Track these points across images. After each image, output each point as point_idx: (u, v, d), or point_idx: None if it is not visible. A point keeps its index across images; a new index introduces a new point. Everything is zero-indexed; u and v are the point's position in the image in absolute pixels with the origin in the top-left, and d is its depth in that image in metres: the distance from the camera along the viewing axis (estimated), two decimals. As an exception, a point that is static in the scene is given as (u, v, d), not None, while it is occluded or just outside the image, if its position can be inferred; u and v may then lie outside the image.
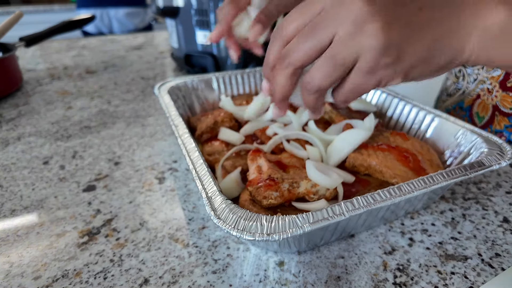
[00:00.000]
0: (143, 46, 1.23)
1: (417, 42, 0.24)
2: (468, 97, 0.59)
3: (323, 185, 0.34)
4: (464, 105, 0.60)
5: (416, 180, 0.31)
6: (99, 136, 0.58)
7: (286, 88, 0.27)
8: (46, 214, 0.40)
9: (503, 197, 0.43)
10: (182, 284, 0.31)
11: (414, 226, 0.38)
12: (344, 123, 0.46)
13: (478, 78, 0.56)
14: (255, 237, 0.26)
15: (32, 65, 0.99)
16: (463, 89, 0.60)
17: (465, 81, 0.60)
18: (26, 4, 2.76)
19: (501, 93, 0.52)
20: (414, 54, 0.24)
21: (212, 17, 0.74)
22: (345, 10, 0.23)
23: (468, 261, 0.34)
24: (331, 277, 0.32)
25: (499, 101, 0.53)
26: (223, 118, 0.47)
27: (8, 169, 0.49)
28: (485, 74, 0.55)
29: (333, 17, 0.24)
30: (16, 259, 0.34)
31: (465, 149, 0.41)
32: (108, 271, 0.32)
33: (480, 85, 0.56)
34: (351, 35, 0.23)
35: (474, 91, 0.57)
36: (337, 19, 0.23)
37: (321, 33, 0.24)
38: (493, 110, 0.54)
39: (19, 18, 0.84)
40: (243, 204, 0.34)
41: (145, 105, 0.71)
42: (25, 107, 0.70)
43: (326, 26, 0.24)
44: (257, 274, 0.32)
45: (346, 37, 0.23)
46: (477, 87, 0.56)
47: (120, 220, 0.39)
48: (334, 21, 0.24)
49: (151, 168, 0.49)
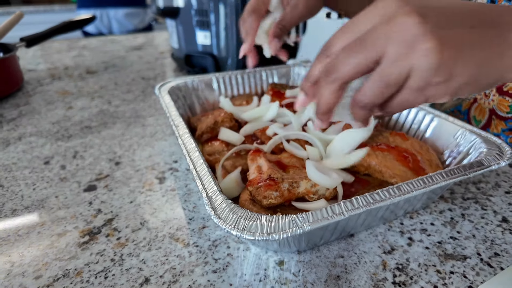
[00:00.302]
0: (143, 47, 1.23)
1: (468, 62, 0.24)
2: (466, 101, 0.59)
3: (322, 185, 0.34)
4: (462, 109, 0.60)
5: (415, 180, 0.32)
6: (99, 136, 0.58)
7: (331, 102, 0.28)
8: (47, 214, 0.40)
9: (502, 197, 0.43)
10: (183, 284, 0.31)
11: (413, 225, 0.38)
12: (344, 123, 0.46)
13: None
14: (255, 236, 0.26)
15: (33, 65, 1.00)
16: None
17: None
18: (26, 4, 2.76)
19: (498, 97, 0.52)
20: (465, 74, 0.24)
21: (212, 17, 0.75)
22: (397, 28, 0.23)
23: (467, 260, 0.34)
24: (330, 276, 0.32)
25: (495, 105, 0.53)
26: (223, 118, 0.48)
27: (9, 169, 0.49)
28: None
29: (384, 34, 0.24)
30: (17, 258, 0.34)
31: (464, 149, 0.41)
32: (109, 271, 0.33)
33: None
34: (403, 55, 0.23)
35: (471, 95, 0.57)
36: (388, 37, 0.23)
37: (371, 50, 0.24)
38: (490, 114, 0.54)
39: (20, 18, 0.85)
40: (243, 203, 0.34)
41: (146, 105, 0.71)
42: (26, 107, 0.70)
43: (376, 43, 0.24)
44: (257, 273, 0.32)
45: (398, 56, 0.23)
46: None
47: (121, 219, 0.39)
48: (384, 39, 0.23)
49: (151, 168, 0.49)
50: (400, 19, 0.23)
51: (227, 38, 0.76)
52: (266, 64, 0.68)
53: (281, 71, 0.66)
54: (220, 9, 0.73)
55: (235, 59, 0.79)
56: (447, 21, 0.23)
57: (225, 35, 0.76)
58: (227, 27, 0.75)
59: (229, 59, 0.79)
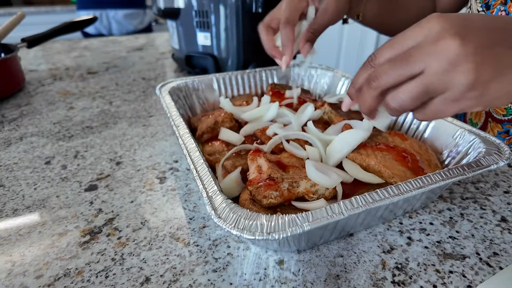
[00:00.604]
0: (144, 47, 1.23)
1: (504, 79, 0.26)
2: None
3: (322, 184, 0.34)
4: None
5: (414, 180, 0.32)
6: (100, 136, 0.59)
7: (372, 106, 0.31)
8: (48, 213, 0.40)
9: (501, 197, 0.43)
10: (183, 283, 0.31)
11: (413, 225, 0.38)
12: (343, 123, 0.46)
13: None
14: (255, 236, 0.26)
15: (34, 66, 1.00)
16: None
17: None
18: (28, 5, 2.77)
19: None
20: (499, 90, 0.27)
21: (213, 18, 0.75)
22: (441, 48, 0.26)
23: (466, 260, 0.34)
24: (330, 275, 0.32)
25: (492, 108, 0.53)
26: (224, 118, 0.48)
27: (10, 169, 0.49)
28: None
29: (428, 52, 0.26)
30: (18, 258, 0.34)
31: (463, 149, 0.41)
32: (109, 270, 0.33)
33: None
34: (444, 71, 0.26)
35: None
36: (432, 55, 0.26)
37: (414, 64, 0.27)
38: (486, 116, 0.54)
39: (21, 19, 0.85)
40: (243, 203, 0.34)
41: (146, 106, 0.71)
42: (27, 107, 0.70)
43: (419, 59, 0.26)
44: (257, 272, 0.32)
45: (439, 71, 0.26)
46: None
47: (122, 219, 0.39)
48: (428, 56, 0.26)
49: (152, 168, 0.49)
50: (444, 40, 0.25)
51: (228, 39, 0.77)
52: (266, 65, 0.68)
53: (281, 72, 0.66)
54: (220, 10, 0.73)
55: (235, 60, 0.79)
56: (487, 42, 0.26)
57: (226, 36, 0.76)
58: (228, 28, 0.75)
59: (230, 59, 0.79)
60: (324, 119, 0.52)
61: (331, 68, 0.66)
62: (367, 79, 0.30)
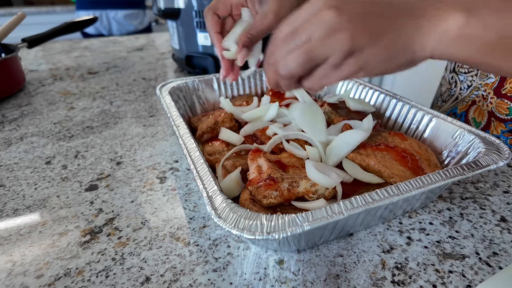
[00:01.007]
0: (144, 47, 1.23)
1: (378, 45, 0.28)
2: (462, 103, 0.59)
3: (322, 184, 0.34)
4: (458, 111, 0.60)
5: (414, 180, 0.32)
6: (101, 136, 0.59)
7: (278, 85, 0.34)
8: (49, 213, 0.40)
9: (501, 197, 0.43)
10: (183, 282, 0.31)
11: (412, 225, 0.38)
12: (343, 123, 0.46)
13: (473, 84, 0.57)
14: (255, 235, 0.26)
15: (35, 66, 1.00)
16: (455, 95, 0.61)
17: (457, 88, 0.60)
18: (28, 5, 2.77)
19: (496, 99, 0.53)
20: (375, 55, 0.29)
21: (213, 18, 0.75)
22: (320, 19, 0.28)
23: (466, 259, 0.34)
24: (330, 275, 0.32)
25: (494, 107, 0.53)
26: (224, 118, 0.48)
27: (11, 169, 0.49)
28: (479, 81, 0.56)
29: (310, 23, 0.29)
30: (19, 258, 0.34)
31: (463, 149, 0.41)
32: (110, 270, 0.33)
33: (474, 91, 0.57)
34: (324, 38, 0.28)
35: (469, 97, 0.58)
36: (313, 25, 0.29)
37: (299, 35, 0.30)
38: (489, 116, 0.55)
39: (22, 19, 0.85)
40: (243, 203, 0.34)
41: (147, 106, 0.71)
42: (28, 108, 0.71)
43: (304, 31, 0.29)
44: (257, 272, 0.33)
45: (319, 38, 0.29)
46: (472, 94, 0.57)
47: (122, 219, 0.39)
48: (310, 26, 0.29)
49: (152, 168, 0.49)
50: (324, 11, 0.28)
51: (228, 39, 0.77)
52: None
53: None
54: (220, 10, 0.73)
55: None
56: (360, 11, 0.28)
57: (226, 36, 0.76)
58: (228, 28, 0.75)
59: (230, 59, 0.79)
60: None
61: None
62: (266, 56, 0.32)
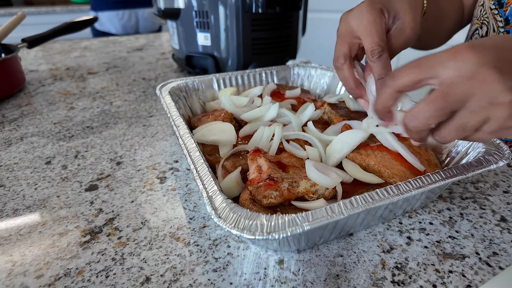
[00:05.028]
0: (144, 47, 1.23)
1: None
2: None
3: (322, 184, 0.34)
4: None
5: (414, 180, 0.32)
6: (101, 136, 0.59)
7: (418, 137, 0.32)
8: (49, 213, 0.40)
9: (501, 197, 0.43)
10: (183, 282, 0.31)
11: (412, 225, 0.38)
12: (343, 123, 0.46)
13: None
14: (255, 235, 0.26)
15: (35, 66, 1.00)
16: None
17: None
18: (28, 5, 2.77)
19: None
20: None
21: (213, 18, 0.75)
22: (479, 85, 0.26)
23: (466, 259, 0.34)
24: (330, 275, 0.32)
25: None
26: (224, 118, 0.48)
27: (11, 169, 0.49)
28: None
29: (466, 90, 0.26)
30: (19, 258, 0.34)
31: (463, 149, 0.41)
32: (110, 270, 0.33)
33: None
34: (483, 107, 0.26)
35: None
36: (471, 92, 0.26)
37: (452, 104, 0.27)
38: None
39: (22, 19, 0.85)
40: (243, 203, 0.34)
41: (147, 106, 0.71)
42: (28, 108, 0.71)
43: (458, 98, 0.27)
44: (257, 272, 0.33)
45: (477, 109, 0.26)
46: None
47: (122, 219, 0.39)
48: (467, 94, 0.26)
49: (152, 168, 0.49)
50: (481, 77, 0.25)
51: (228, 39, 0.77)
52: (266, 65, 0.68)
53: (281, 72, 0.66)
54: (220, 10, 0.74)
55: (235, 60, 0.79)
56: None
57: (226, 36, 0.76)
58: (227, 28, 0.75)
59: (230, 60, 0.79)
60: (324, 119, 0.52)
61: (331, 68, 0.66)
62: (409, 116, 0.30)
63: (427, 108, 0.28)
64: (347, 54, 0.40)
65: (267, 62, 0.77)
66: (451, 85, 0.27)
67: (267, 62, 0.77)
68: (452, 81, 0.27)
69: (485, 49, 0.26)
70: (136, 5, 1.82)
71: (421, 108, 0.29)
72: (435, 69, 0.27)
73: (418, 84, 0.29)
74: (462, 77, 0.26)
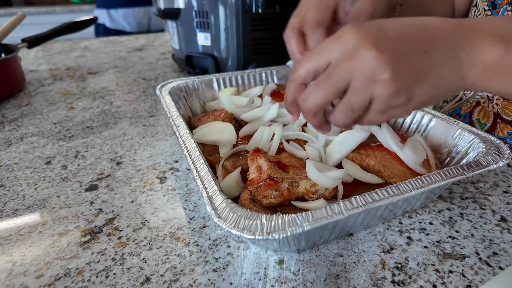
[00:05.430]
0: (144, 47, 1.23)
1: (424, 85, 0.26)
2: (466, 104, 0.59)
3: (322, 184, 0.34)
4: (462, 112, 0.60)
5: (414, 180, 0.32)
6: (101, 136, 0.59)
7: (317, 125, 0.32)
8: (49, 213, 0.40)
9: (501, 197, 0.43)
10: (183, 282, 0.31)
11: (412, 225, 0.38)
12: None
13: None
14: (255, 235, 0.26)
15: (35, 66, 1.00)
16: (460, 96, 0.60)
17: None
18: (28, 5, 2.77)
19: (503, 101, 0.53)
20: (423, 95, 0.27)
21: (213, 18, 0.75)
22: (357, 63, 0.25)
23: (466, 259, 0.34)
24: (330, 275, 0.32)
25: (500, 109, 0.53)
26: (224, 118, 0.48)
27: (11, 169, 0.49)
28: None
29: (346, 70, 0.26)
30: (19, 258, 0.34)
31: (463, 149, 0.41)
32: (110, 270, 0.33)
33: (479, 92, 0.56)
34: (364, 86, 0.26)
35: (473, 98, 0.57)
36: (351, 72, 0.26)
37: (336, 84, 0.27)
38: (495, 117, 0.54)
39: (22, 19, 0.85)
40: (243, 203, 0.34)
41: (147, 106, 0.71)
42: (28, 108, 0.71)
43: (340, 78, 0.27)
44: (257, 272, 0.33)
45: (360, 87, 0.26)
46: (476, 94, 0.57)
47: (122, 219, 0.39)
48: (347, 74, 0.26)
49: (152, 168, 0.49)
50: (360, 54, 0.25)
51: (228, 39, 0.77)
52: (266, 65, 0.68)
53: (281, 72, 0.66)
54: (220, 10, 0.74)
55: (235, 60, 0.79)
56: (402, 50, 0.26)
57: (226, 36, 0.76)
58: (227, 28, 0.75)
59: (230, 60, 0.79)
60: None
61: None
62: (300, 100, 0.30)
63: (314, 90, 0.28)
64: (295, 27, 0.40)
65: (267, 62, 0.77)
66: (335, 66, 0.27)
67: (267, 62, 0.77)
68: (337, 62, 0.27)
69: (369, 28, 0.26)
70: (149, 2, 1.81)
71: (308, 91, 0.29)
72: (325, 55, 0.27)
73: (317, 73, 0.29)
74: (344, 56, 0.26)
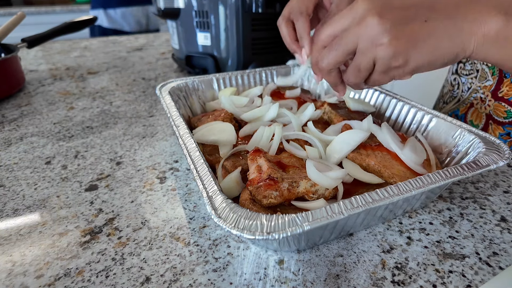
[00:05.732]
0: (144, 47, 1.23)
1: (422, 49, 0.30)
2: (463, 105, 0.59)
3: (322, 184, 0.34)
4: (460, 113, 0.61)
5: (414, 180, 0.32)
6: (101, 136, 0.59)
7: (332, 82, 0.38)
8: (49, 213, 0.40)
9: (501, 197, 0.43)
10: (183, 282, 0.31)
11: (412, 225, 0.38)
12: (343, 123, 0.46)
13: (472, 87, 0.57)
14: (255, 235, 0.26)
15: (34, 66, 1.00)
16: (458, 97, 0.61)
17: (459, 90, 0.60)
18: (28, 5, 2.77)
19: (494, 102, 0.53)
20: (419, 59, 0.30)
21: (213, 18, 0.75)
22: (363, 29, 0.30)
23: (466, 259, 0.34)
24: (330, 275, 0.32)
25: (492, 110, 0.53)
26: (223, 118, 0.48)
27: (11, 169, 0.49)
28: (478, 83, 0.56)
29: (354, 33, 0.31)
30: (19, 258, 0.34)
31: (463, 149, 0.41)
32: (110, 270, 0.33)
33: (473, 94, 0.56)
34: (368, 48, 0.31)
35: (468, 100, 0.58)
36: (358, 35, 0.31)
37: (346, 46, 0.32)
38: (487, 119, 0.55)
39: (21, 19, 0.85)
40: (243, 203, 0.34)
41: (146, 106, 0.71)
42: (27, 108, 0.71)
43: (349, 41, 0.32)
44: (257, 272, 0.33)
45: (365, 50, 0.31)
46: (471, 96, 0.57)
47: (122, 219, 0.39)
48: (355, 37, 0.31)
49: (152, 168, 0.49)
50: (366, 21, 0.30)
51: (228, 39, 0.77)
52: (266, 65, 0.68)
53: (281, 72, 0.66)
54: (220, 10, 0.73)
55: (235, 60, 0.79)
56: (404, 18, 0.29)
57: (226, 36, 0.76)
58: (227, 28, 0.75)
59: (230, 59, 0.79)
60: (324, 119, 0.52)
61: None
62: (319, 59, 0.35)
63: (328, 51, 0.34)
64: (285, 16, 0.47)
65: (267, 62, 0.77)
66: (347, 31, 0.32)
67: (267, 62, 0.77)
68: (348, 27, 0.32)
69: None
70: (148, 1, 1.81)
71: (324, 52, 0.34)
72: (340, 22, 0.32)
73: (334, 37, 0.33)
74: (354, 22, 0.31)
